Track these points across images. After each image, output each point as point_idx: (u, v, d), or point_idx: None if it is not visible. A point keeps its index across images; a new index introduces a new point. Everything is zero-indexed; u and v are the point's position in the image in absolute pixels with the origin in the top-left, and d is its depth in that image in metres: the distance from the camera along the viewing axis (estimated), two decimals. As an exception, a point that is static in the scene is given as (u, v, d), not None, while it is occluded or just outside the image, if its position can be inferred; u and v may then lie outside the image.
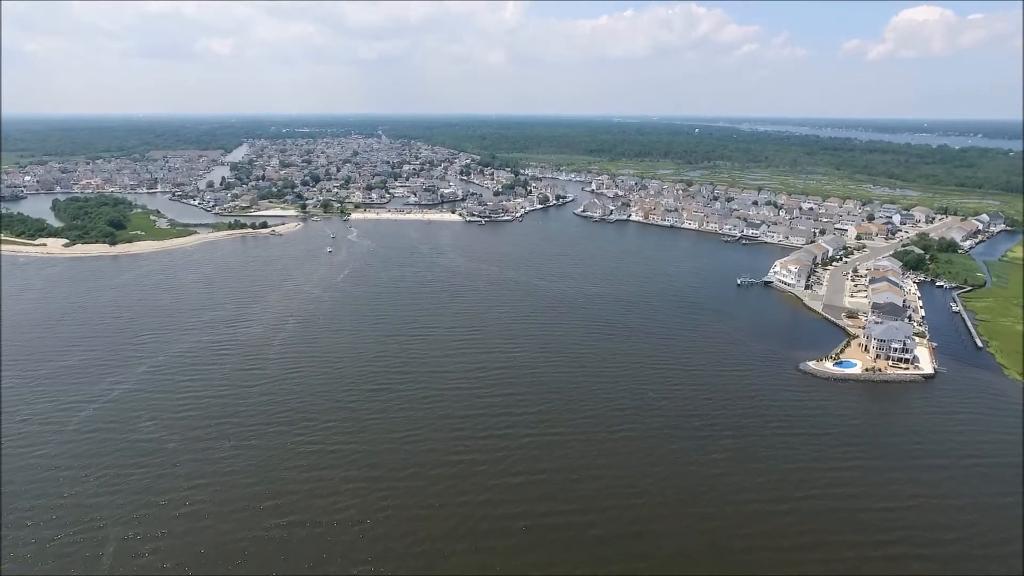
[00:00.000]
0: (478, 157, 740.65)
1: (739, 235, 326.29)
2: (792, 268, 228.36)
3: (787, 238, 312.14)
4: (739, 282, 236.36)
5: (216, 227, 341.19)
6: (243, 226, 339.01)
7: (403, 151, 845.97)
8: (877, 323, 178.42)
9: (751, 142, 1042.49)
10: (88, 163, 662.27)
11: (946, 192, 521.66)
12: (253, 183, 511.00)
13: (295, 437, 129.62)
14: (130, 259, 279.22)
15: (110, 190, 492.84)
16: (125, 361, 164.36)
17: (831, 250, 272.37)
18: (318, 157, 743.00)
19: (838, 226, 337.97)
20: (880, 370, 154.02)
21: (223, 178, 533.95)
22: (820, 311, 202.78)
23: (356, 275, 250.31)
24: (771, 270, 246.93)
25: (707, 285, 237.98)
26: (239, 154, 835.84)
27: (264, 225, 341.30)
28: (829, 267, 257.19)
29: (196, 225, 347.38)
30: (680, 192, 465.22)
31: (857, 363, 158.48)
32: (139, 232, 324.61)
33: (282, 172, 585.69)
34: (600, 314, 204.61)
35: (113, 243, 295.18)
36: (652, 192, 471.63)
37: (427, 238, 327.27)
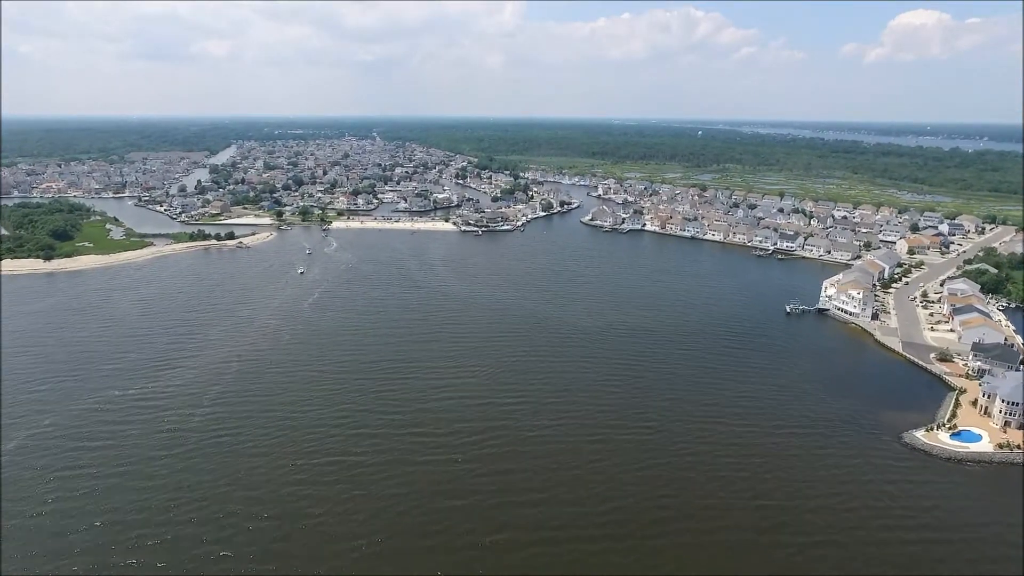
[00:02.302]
0: (475, 160, 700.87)
1: (772, 248, 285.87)
2: (855, 293, 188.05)
3: (829, 253, 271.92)
4: (788, 310, 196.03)
5: (176, 238, 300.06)
6: (207, 237, 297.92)
7: (396, 153, 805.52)
8: (987, 371, 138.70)
9: (758, 145, 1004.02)
10: (60, 165, 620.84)
11: (980, 198, 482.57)
12: (231, 187, 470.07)
13: (195, 548, 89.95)
14: (67, 277, 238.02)
15: (73, 194, 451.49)
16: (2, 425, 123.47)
17: (887, 268, 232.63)
18: (306, 159, 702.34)
19: (883, 238, 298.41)
20: (1019, 447, 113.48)
21: (199, 182, 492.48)
22: (900, 351, 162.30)
23: (327, 299, 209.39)
24: (822, 293, 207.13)
25: (749, 313, 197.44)
26: (225, 156, 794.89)
27: (231, 236, 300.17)
28: (890, 290, 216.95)
29: (154, 235, 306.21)
30: (695, 198, 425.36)
31: (982, 435, 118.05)
32: (86, 244, 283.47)
33: (265, 175, 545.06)
34: (622, 351, 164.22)
35: (49, 258, 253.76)
36: (665, 198, 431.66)
37: (416, 251, 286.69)
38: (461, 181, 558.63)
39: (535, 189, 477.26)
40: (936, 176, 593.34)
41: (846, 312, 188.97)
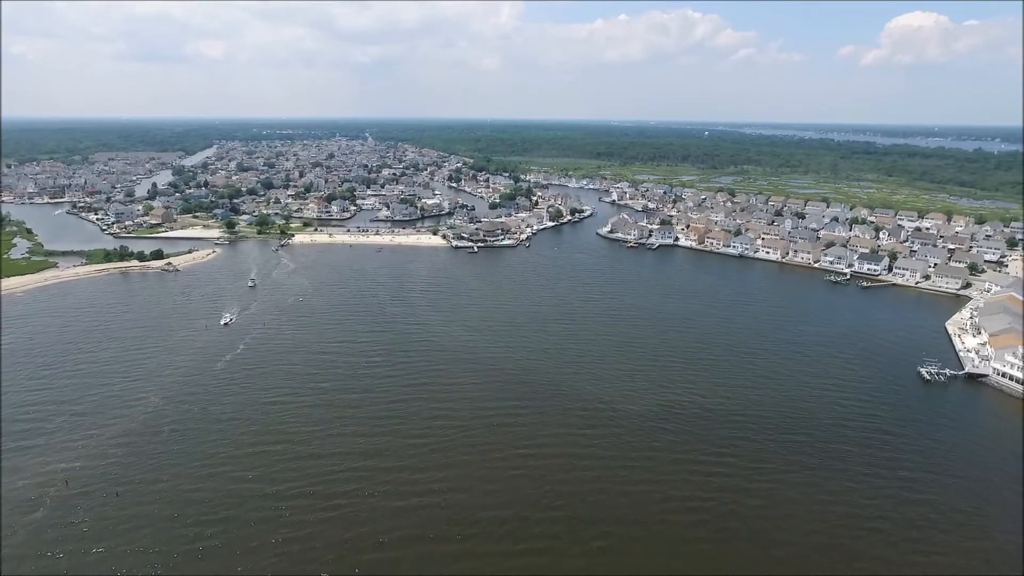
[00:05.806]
0: (471, 160, 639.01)
1: (849, 272, 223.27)
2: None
3: (928, 279, 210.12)
4: (926, 376, 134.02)
5: (90, 256, 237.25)
6: (128, 256, 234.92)
7: (387, 154, 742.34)
8: None
9: (772, 145, 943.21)
10: (10, 166, 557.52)
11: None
12: (188, 191, 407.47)
13: None
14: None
15: (4, 199, 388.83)
16: None
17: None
18: (286, 160, 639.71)
19: (988, 257, 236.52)
20: None
21: (153, 184, 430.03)
22: None
23: (252, 354, 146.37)
24: (958, 345, 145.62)
25: (866, 381, 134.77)
26: (200, 156, 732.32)
27: (159, 255, 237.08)
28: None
29: (65, 253, 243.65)
30: (729, 205, 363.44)
31: None
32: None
33: (235, 177, 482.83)
34: (690, 457, 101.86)
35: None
36: (691, 204, 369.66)
37: (394, 274, 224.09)
38: (455, 184, 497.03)
39: (539, 194, 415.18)
40: (985, 179, 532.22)
41: (1019, 381, 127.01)
